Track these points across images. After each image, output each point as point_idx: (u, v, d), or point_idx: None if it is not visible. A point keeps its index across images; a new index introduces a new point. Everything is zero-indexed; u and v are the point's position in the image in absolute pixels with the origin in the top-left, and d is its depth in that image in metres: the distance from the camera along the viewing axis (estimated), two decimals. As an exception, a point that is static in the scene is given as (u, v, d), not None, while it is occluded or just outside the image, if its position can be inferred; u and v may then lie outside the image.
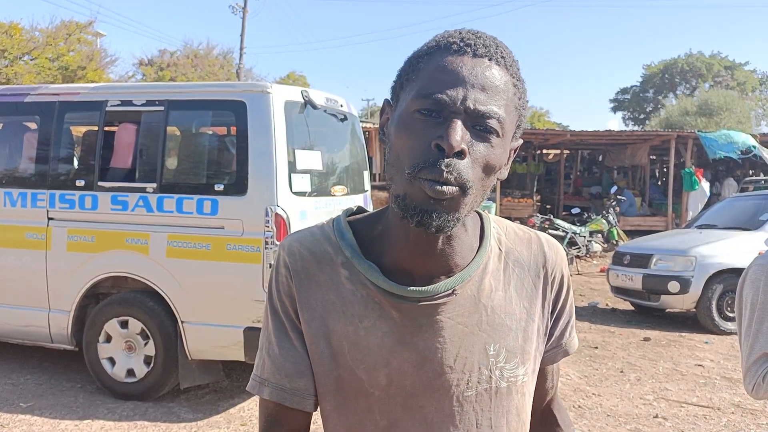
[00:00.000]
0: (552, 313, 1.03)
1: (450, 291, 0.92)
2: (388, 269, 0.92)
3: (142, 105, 4.65)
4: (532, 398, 1.03)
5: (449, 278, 0.92)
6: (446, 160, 0.81)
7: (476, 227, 0.99)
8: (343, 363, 0.93)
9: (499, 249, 0.99)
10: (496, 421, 0.95)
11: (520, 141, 0.96)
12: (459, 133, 0.81)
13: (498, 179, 0.93)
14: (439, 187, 0.81)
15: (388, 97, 0.95)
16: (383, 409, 0.92)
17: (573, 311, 1.07)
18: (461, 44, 0.86)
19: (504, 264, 0.98)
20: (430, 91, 0.83)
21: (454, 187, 0.81)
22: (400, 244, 0.92)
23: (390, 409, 0.92)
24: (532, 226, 11.38)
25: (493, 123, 0.84)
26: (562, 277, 1.03)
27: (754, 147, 14.39)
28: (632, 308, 8.64)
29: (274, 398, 0.96)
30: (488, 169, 0.86)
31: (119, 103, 4.73)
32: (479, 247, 0.97)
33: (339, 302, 0.94)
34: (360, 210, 1.03)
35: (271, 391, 0.96)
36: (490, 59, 0.86)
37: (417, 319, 0.92)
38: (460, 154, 0.81)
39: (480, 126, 0.83)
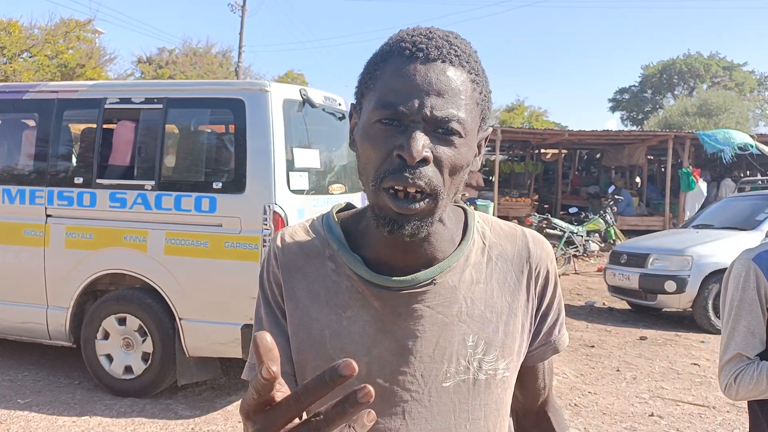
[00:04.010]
0: (537, 309, 1.03)
1: (430, 280, 0.94)
2: (371, 261, 0.95)
3: (141, 103, 4.67)
4: (511, 395, 1.02)
5: (429, 269, 0.94)
6: (409, 169, 0.82)
7: (459, 221, 1.00)
8: (322, 353, 0.95)
9: (483, 243, 1.00)
10: (474, 414, 0.95)
11: (489, 130, 0.96)
12: (420, 142, 0.82)
13: (472, 170, 0.94)
14: (406, 204, 0.83)
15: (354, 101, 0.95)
16: None
17: (562, 308, 1.06)
18: (413, 49, 0.86)
19: (487, 257, 0.99)
20: (388, 102, 0.84)
21: (421, 202, 0.83)
22: (380, 240, 0.93)
23: None
24: (530, 226, 11.42)
25: (453, 125, 0.84)
26: (548, 272, 1.03)
27: (752, 146, 14.45)
28: (629, 307, 8.66)
29: None
30: (455, 169, 0.87)
31: (118, 100, 4.74)
32: (462, 240, 0.98)
33: (323, 293, 0.96)
34: (349, 206, 1.06)
35: None
36: (443, 61, 0.86)
37: (397, 308, 0.93)
38: (424, 162, 0.83)
39: (441, 129, 0.84)
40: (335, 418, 0.54)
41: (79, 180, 4.71)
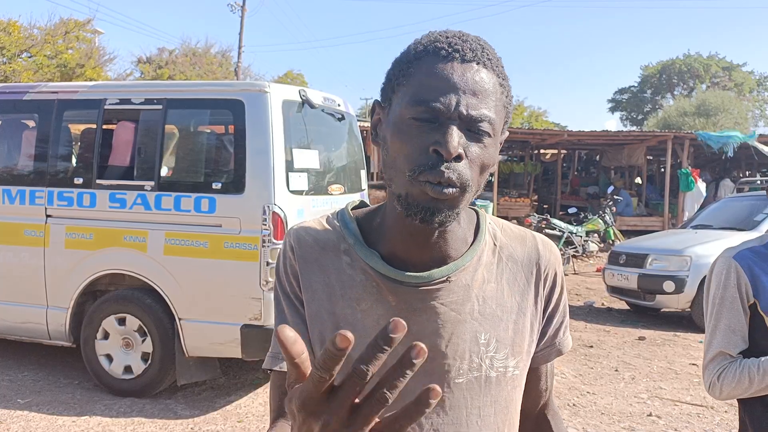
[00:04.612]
0: (545, 310, 1.05)
1: (445, 278, 0.96)
2: (386, 257, 0.97)
3: (141, 103, 4.68)
4: (521, 394, 1.04)
5: (444, 267, 0.96)
6: (445, 163, 0.85)
7: (471, 222, 1.03)
8: None
9: (494, 244, 1.02)
10: (485, 410, 0.97)
11: (507, 133, 1.00)
12: (456, 139, 0.85)
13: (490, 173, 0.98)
14: (441, 189, 0.85)
15: (378, 98, 0.97)
16: None
17: (567, 311, 1.10)
18: (449, 50, 0.89)
19: (498, 258, 1.02)
20: (424, 99, 0.86)
21: (454, 189, 0.86)
22: (396, 236, 0.96)
23: None
24: (529, 226, 11.43)
25: (485, 126, 0.87)
26: (555, 275, 1.06)
27: (752, 136, 14.51)
28: (628, 307, 8.68)
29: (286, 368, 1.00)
30: (484, 168, 0.90)
31: (118, 101, 4.75)
32: (474, 240, 1.01)
33: (339, 286, 0.98)
34: (362, 204, 1.08)
35: (283, 363, 0.99)
36: (477, 63, 0.89)
37: (412, 303, 0.95)
38: (458, 158, 0.86)
39: (473, 129, 0.87)
40: (396, 382, 0.55)
41: (78, 180, 4.72)
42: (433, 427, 0.95)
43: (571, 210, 15.54)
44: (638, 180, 18.88)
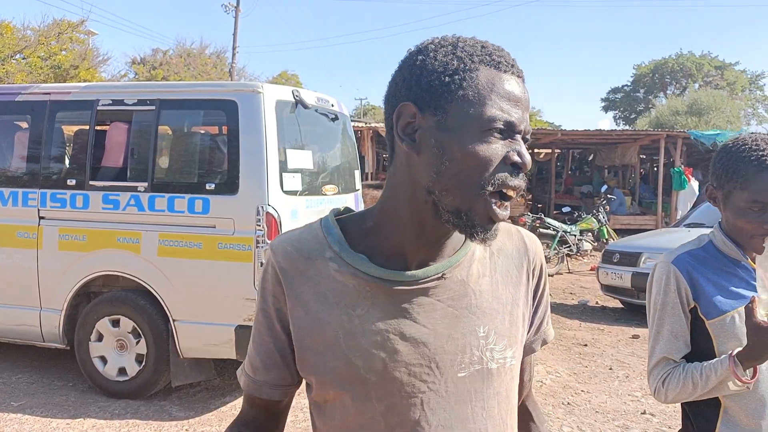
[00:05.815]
0: (533, 300, 1.09)
1: (440, 275, 0.97)
2: (381, 258, 0.97)
3: (134, 104, 4.67)
4: (518, 384, 1.07)
5: (438, 263, 0.98)
6: (522, 174, 0.91)
7: None
8: (338, 353, 0.96)
9: None
10: (488, 402, 0.99)
11: None
12: (527, 153, 0.92)
13: None
14: (504, 213, 0.91)
15: (405, 101, 0.93)
16: (381, 394, 0.95)
17: (549, 302, 1.15)
18: (506, 63, 0.92)
19: (489, 252, 1.04)
20: (500, 112, 0.90)
21: (509, 211, 0.93)
22: (399, 235, 0.97)
23: (387, 393, 0.95)
24: (523, 225, 11.44)
25: (528, 138, 0.94)
26: (541, 266, 1.10)
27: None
28: (622, 306, 8.70)
29: (244, 388, 1.08)
30: None
31: (110, 102, 4.74)
32: None
33: (331, 294, 0.97)
34: (347, 210, 1.08)
35: (244, 381, 1.08)
36: (523, 80, 0.95)
37: (408, 302, 0.96)
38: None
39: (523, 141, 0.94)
40: None
41: (71, 182, 4.70)
42: (440, 423, 0.96)
43: (565, 209, 15.57)
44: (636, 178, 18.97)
